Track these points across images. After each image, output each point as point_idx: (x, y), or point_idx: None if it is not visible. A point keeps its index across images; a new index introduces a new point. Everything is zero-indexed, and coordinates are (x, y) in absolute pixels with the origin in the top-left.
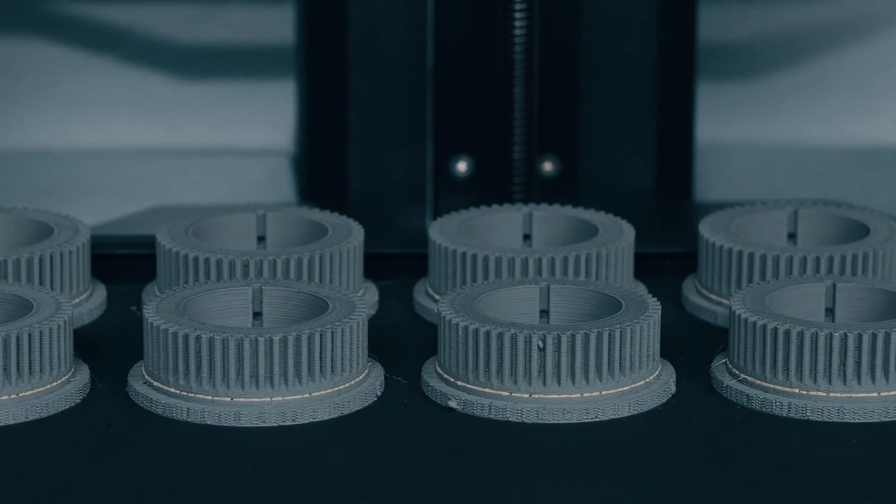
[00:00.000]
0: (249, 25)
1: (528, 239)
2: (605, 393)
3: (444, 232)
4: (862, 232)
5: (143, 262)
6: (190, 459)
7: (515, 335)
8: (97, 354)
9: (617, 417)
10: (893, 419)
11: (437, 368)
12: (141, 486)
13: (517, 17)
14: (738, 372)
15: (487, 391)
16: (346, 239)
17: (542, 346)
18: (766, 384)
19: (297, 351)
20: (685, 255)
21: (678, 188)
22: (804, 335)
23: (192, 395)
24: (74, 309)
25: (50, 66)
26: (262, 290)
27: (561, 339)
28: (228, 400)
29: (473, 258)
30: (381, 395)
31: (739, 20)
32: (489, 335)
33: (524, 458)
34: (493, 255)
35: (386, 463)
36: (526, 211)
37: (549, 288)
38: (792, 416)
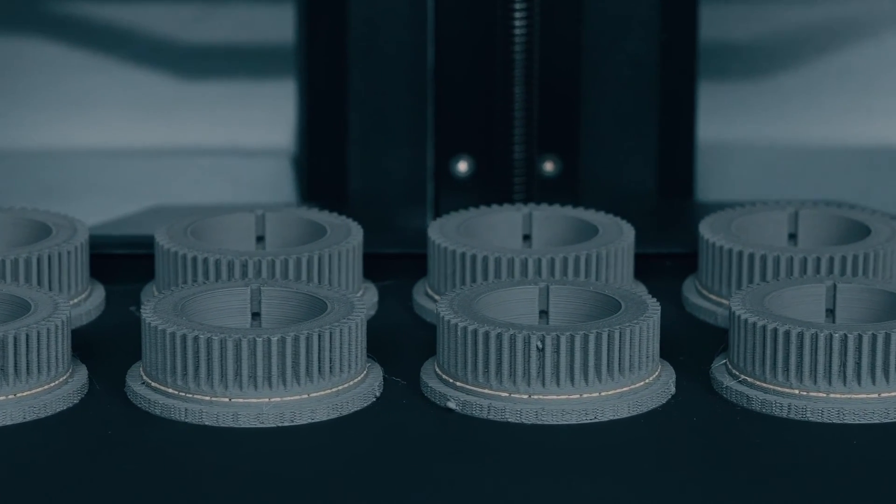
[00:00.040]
0: (249, 25)
1: (527, 239)
2: (604, 394)
3: (443, 232)
4: (863, 232)
5: (141, 262)
6: (188, 460)
7: (514, 336)
8: (95, 355)
9: (616, 418)
10: (894, 420)
11: (436, 369)
12: (139, 486)
13: (517, 16)
14: (737, 373)
15: (486, 392)
16: (345, 239)
17: (541, 346)
18: (766, 385)
19: (295, 351)
20: (685, 255)
21: (679, 188)
22: (804, 336)
23: (190, 395)
24: (73, 309)
25: (50, 66)
26: (260, 290)
27: (560, 339)
28: (227, 400)
29: (473, 258)
30: (379, 395)
31: (741, 20)
32: (488, 336)
33: (523, 458)
34: (492, 255)
35: (385, 464)
36: (526, 211)
37: (548, 288)
38: (792, 417)
